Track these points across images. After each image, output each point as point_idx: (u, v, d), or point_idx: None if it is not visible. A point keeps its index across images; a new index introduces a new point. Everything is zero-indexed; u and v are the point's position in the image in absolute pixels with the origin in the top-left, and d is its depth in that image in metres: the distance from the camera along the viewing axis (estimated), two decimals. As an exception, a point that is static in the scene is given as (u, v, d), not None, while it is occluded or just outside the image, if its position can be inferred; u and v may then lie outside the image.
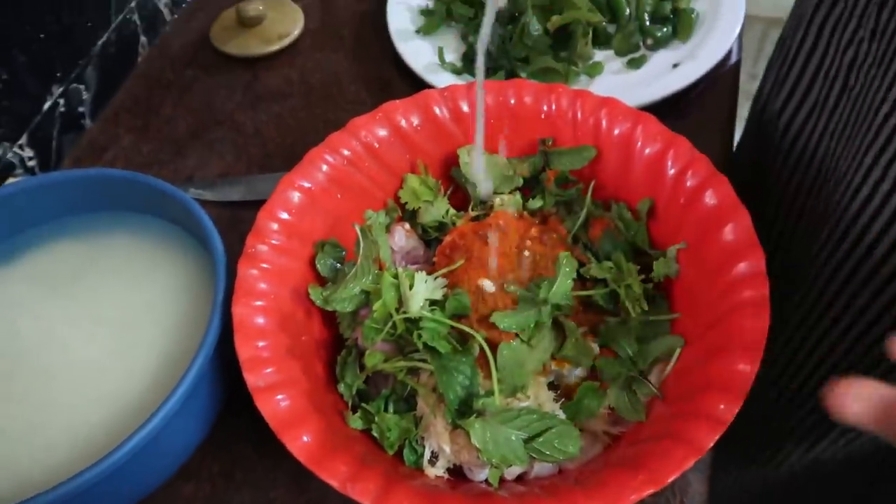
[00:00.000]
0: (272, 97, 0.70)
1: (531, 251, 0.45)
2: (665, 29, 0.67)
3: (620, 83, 0.65)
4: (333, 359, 0.45)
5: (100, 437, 0.43)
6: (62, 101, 0.65)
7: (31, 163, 0.63)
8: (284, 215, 0.45)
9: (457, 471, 0.41)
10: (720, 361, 0.37)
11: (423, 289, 0.41)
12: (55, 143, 0.65)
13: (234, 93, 0.71)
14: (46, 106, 0.63)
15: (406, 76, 0.68)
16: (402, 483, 0.37)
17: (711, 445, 0.34)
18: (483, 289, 0.43)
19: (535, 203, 0.49)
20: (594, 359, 0.42)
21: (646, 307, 0.43)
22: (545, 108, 0.50)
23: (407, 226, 0.49)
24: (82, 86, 0.67)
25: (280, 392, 0.39)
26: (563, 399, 0.41)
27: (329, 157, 0.48)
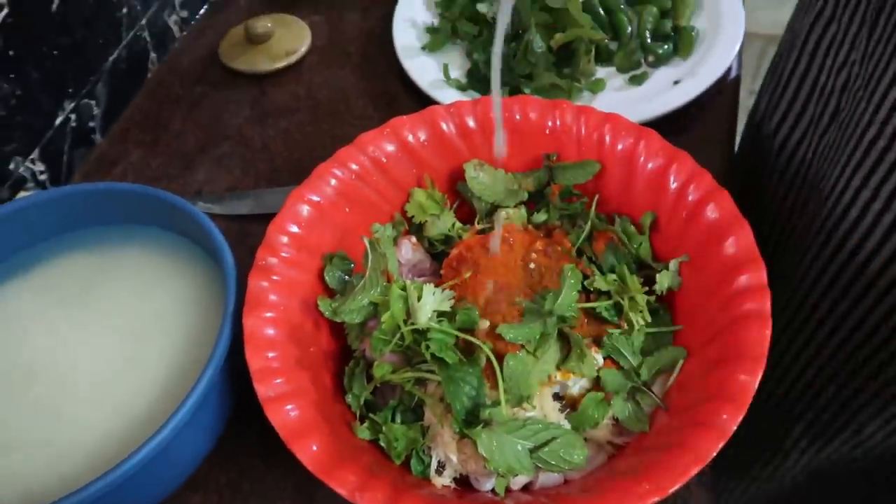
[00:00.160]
0: (280, 112, 0.71)
1: (536, 264, 0.45)
2: (666, 46, 0.68)
3: (622, 99, 0.66)
4: (341, 370, 0.46)
5: (110, 448, 0.44)
6: (73, 117, 0.66)
7: (43, 177, 0.64)
8: (294, 228, 0.46)
9: (463, 480, 0.42)
10: (722, 372, 0.38)
11: (431, 300, 0.42)
12: (66, 158, 0.66)
13: (243, 108, 0.72)
14: (58, 121, 0.64)
15: (412, 92, 0.70)
16: (410, 492, 0.37)
17: (715, 454, 0.35)
18: (488, 293, 0.44)
19: (540, 217, 0.49)
20: (598, 370, 0.42)
21: (649, 319, 0.44)
22: (549, 124, 0.50)
23: (414, 239, 0.50)
24: (93, 101, 0.68)
25: (289, 402, 0.39)
26: (568, 409, 0.42)
27: (337, 172, 0.49)
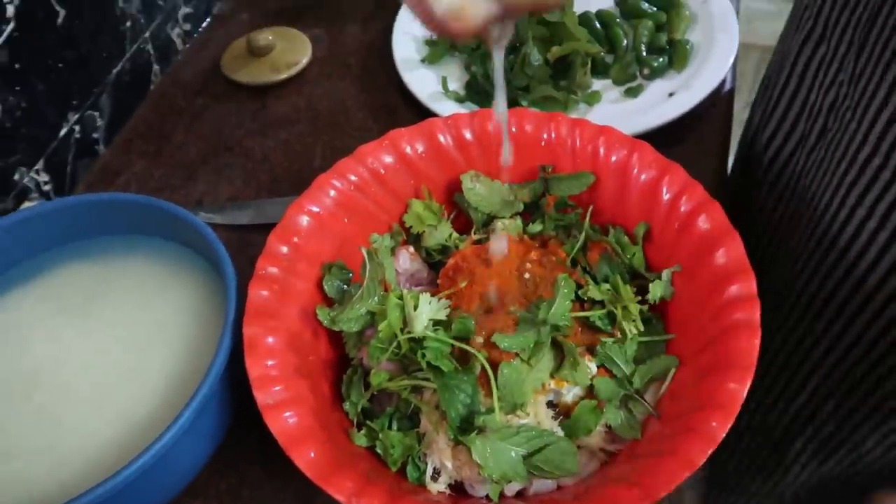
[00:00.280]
0: (280, 124, 0.72)
1: (531, 273, 0.46)
2: (661, 59, 0.69)
3: (618, 111, 0.67)
4: (339, 377, 0.46)
5: (111, 454, 0.44)
6: (77, 128, 0.67)
7: (47, 187, 0.65)
8: (294, 238, 0.47)
9: (458, 487, 0.42)
10: (713, 381, 0.39)
11: (428, 309, 0.42)
12: (70, 169, 0.67)
13: (244, 120, 0.73)
14: (62, 132, 0.65)
15: (411, 104, 0.71)
16: (406, 498, 0.38)
17: (704, 461, 0.36)
18: (484, 302, 0.45)
19: (536, 227, 0.50)
20: (592, 378, 0.43)
21: (642, 328, 0.45)
22: (545, 136, 0.51)
23: (411, 249, 0.51)
24: (97, 113, 0.69)
25: (288, 409, 0.40)
26: (562, 417, 0.43)
27: (337, 183, 0.50)
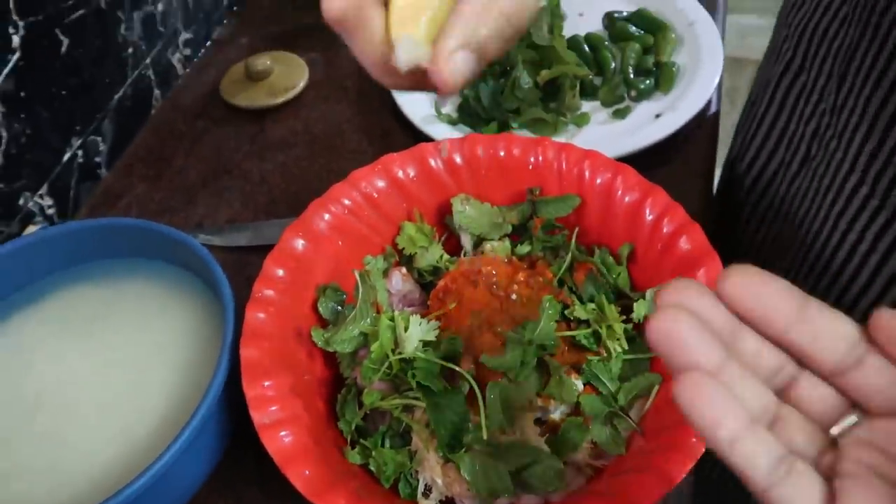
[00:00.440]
0: (278, 147, 0.74)
1: (519, 294, 0.48)
2: (648, 81, 0.71)
3: (606, 133, 0.69)
4: (334, 397, 0.48)
5: (112, 474, 0.46)
6: (80, 153, 0.69)
7: (50, 211, 0.67)
8: (289, 262, 0.48)
9: (449, 502, 0.43)
10: (692, 398, 0.40)
11: (418, 331, 0.44)
12: (73, 192, 0.69)
13: (242, 143, 0.75)
14: (66, 157, 0.67)
15: (405, 127, 0.72)
16: (398, 514, 0.39)
17: (684, 476, 0.37)
18: (472, 323, 0.46)
19: (523, 248, 0.52)
20: (578, 395, 0.44)
21: (626, 346, 0.46)
22: (532, 160, 0.53)
23: (404, 270, 0.52)
24: (99, 138, 0.71)
25: (284, 428, 0.42)
26: (549, 434, 0.44)
27: (331, 207, 0.51)
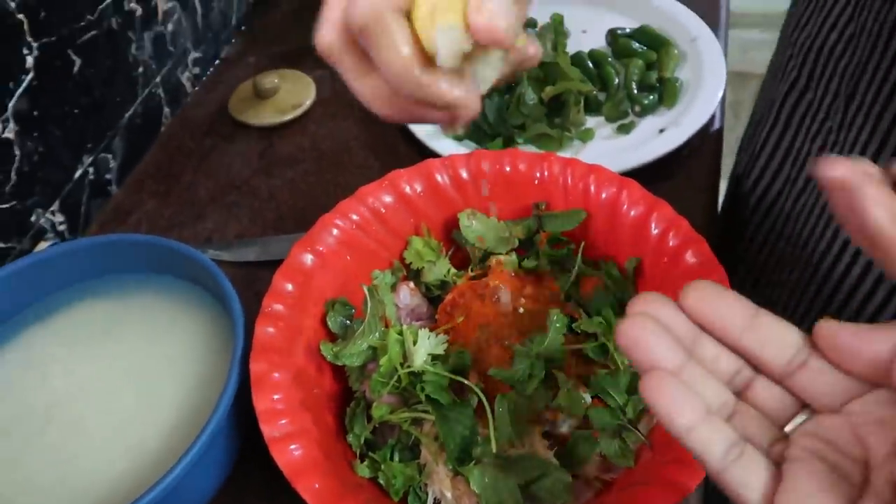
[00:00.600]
0: (286, 163, 0.75)
1: (526, 308, 0.48)
2: (652, 97, 0.72)
3: (611, 148, 0.69)
4: (343, 410, 0.48)
5: (122, 488, 0.46)
6: (91, 170, 0.70)
7: (62, 227, 0.68)
8: (298, 277, 0.49)
9: (458, 516, 0.44)
10: (700, 410, 0.40)
11: (426, 344, 0.44)
12: (84, 209, 0.70)
13: (251, 160, 0.76)
14: (77, 174, 0.68)
15: (411, 142, 0.73)
16: (407, 527, 0.39)
17: (694, 489, 0.37)
18: (480, 336, 0.46)
19: (530, 262, 0.52)
20: (586, 408, 0.44)
21: (634, 359, 0.46)
22: (538, 175, 0.54)
23: (411, 284, 0.53)
24: (110, 155, 0.72)
25: (293, 442, 0.42)
26: (557, 447, 0.44)
27: (339, 222, 0.52)
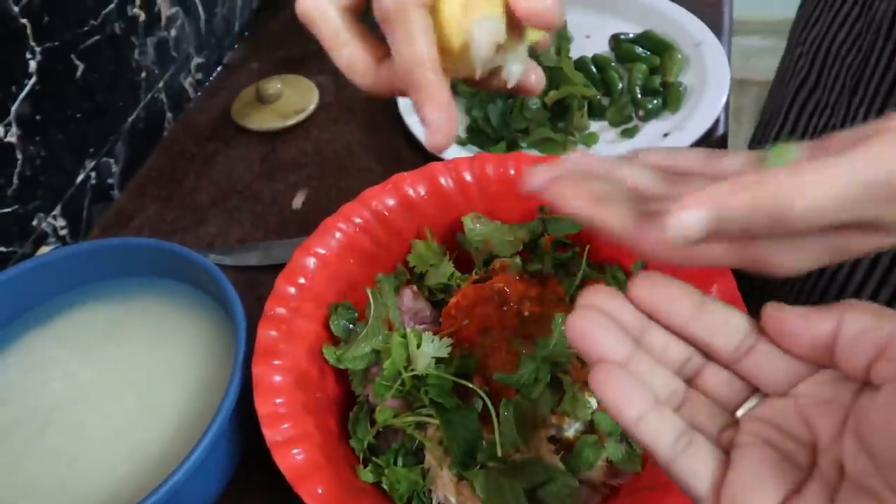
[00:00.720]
0: (288, 168, 0.75)
1: (531, 311, 0.48)
2: (655, 101, 0.72)
3: (614, 152, 0.69)
4: (346, 414, 0.48)
5: (123, 492, 0.45)
6: (93, 174, 0.70)
7: (63, 231, 0.67)
8: (301, 280, 0.49)
9: (462, 522, 0.43)
10: (708, 414, 0.40)
11: (430, 348, 0.44)
12: (86, 213, 0.70)
13: (253, 164, 0.76)
14: (79, 179, 0.68)
15: (414, 147, 0.73)
16: (411, 533, 0.39)
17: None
18: (485, 339, 0.46)
19: (535, 266, 0.52)
20: (592, 413, 0.44)
21: (640, 363, 0.46)
22: (542, 178, 0.53)
23: (415, 288, 0.52)
24: (112, 159, 0.72)
25: (296, 446, 0.41)
26: (563, 451, 0.43)
27: (342, 226, 0.51)
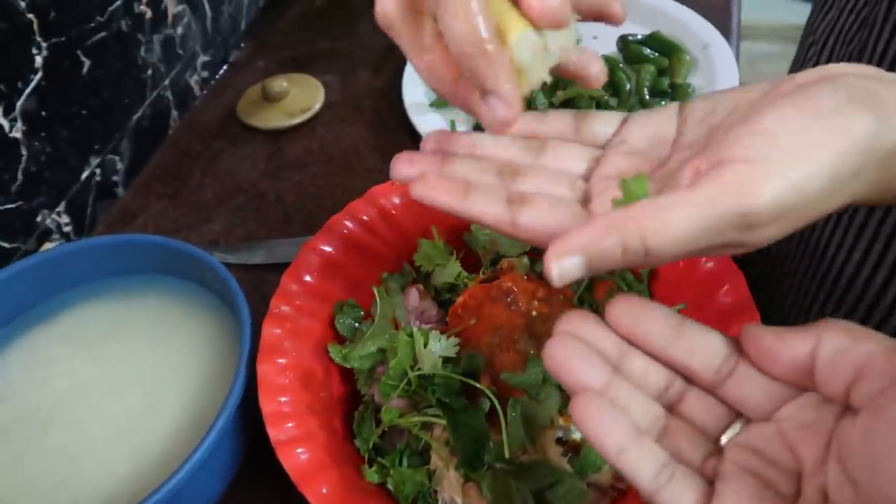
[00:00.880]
0: (294, 166, 0.74)
1: (538, 312, 0.47)
2: (663, 103, 0.71)
3: (622, 153, 0.68)
4: (351, 414, 0.47)
5: (126, 491, 0.45)
6: (98, 171, 0.69)
7: (67, 228, 0.67)
8: (307, 278, 0.48)
9: (468, 524, 0.43)
10: (719, 416, 0.39)
11: (437, 347, 0.43)
12: (90, 210, 0.69)
13: (258, 163, 0.75)
14: (84, 176, 0.68)
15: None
16: (417, 534, 0.38)
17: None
18: (492, 340, 0.45)
19: (542, 265, 0.51)
20: (600, 415, 0.43)
21: (648, 365, 0.45)
22: (550, 178, 0.53)
23: (421, 287, 0.52)
24: (117, 157, 0.72)
25: (300, 445, 0.41)
26: (570, 454, 0.43)
27: (349, 224, 0.51)
